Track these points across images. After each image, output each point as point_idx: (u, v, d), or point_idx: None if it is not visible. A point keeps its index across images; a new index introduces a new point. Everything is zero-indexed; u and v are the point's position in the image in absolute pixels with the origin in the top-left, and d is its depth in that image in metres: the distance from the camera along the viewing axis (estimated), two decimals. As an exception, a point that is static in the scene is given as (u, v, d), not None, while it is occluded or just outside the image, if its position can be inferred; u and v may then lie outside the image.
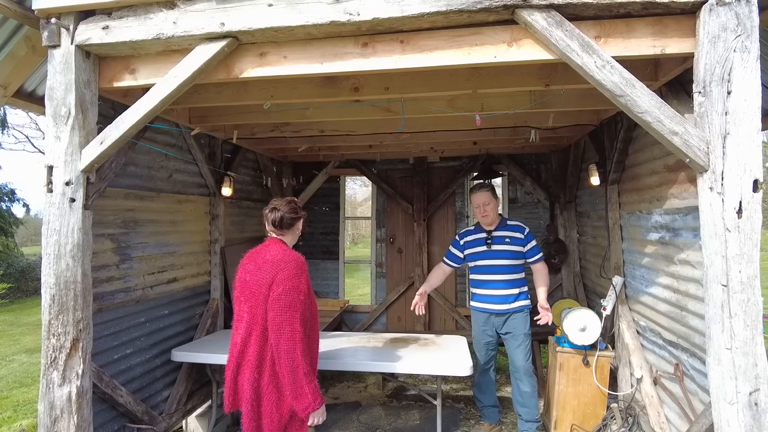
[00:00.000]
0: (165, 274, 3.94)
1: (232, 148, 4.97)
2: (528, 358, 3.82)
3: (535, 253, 3.84)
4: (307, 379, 2.33)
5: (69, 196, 2.43)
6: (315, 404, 2.36)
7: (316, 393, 2.36)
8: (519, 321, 3.82)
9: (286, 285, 2.37)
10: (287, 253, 2.52)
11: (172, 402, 3.86)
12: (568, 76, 2.82)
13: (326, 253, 6.74)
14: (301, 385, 2.33)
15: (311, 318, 2.52)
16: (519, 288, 3.83)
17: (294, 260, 2.47)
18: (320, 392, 2.40)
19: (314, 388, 2.36)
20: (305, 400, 2.34)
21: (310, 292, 2.54)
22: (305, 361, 2.33)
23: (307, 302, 2.45)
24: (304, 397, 2.33)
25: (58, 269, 2.41)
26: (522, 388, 3.82)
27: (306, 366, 2.33)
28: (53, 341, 2.40)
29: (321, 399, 2.40)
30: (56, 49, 2.44)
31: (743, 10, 1.99)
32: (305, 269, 2.49)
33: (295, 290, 2.38)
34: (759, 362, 1.95)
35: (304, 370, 2.32)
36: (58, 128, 2.44)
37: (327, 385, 5.44)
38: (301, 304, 2.38)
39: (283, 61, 2.39)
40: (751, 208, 1.97)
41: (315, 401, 2.36)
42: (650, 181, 3.46)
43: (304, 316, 2.40)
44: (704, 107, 2.04)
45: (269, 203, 2.71)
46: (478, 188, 3.92)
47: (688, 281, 2.91)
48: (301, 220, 2.75)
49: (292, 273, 2.41)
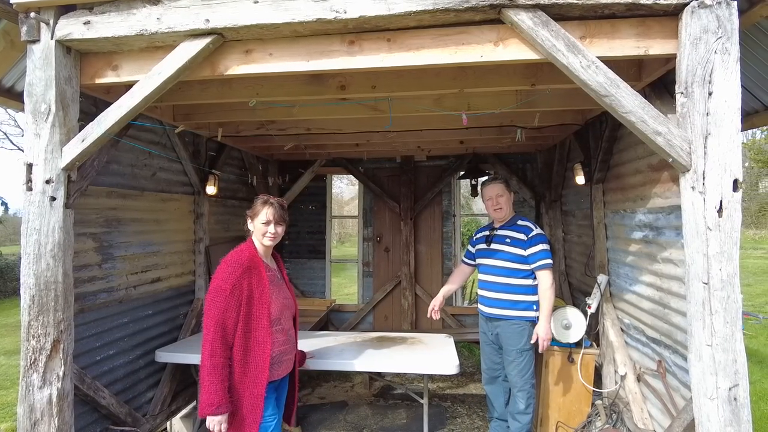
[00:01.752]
0: (149, 274, 3.88)
1: (216, 146, 4.92)
2: (523, 375, 3.39)
3: (537, 259, 3.38)
4: (208, 379, 2.33)
5: (49, 195, 2.38)
6: (210, 408, 2.31)
7: (214, 396, 2.31)
8: (514, 333, 3.40)
9: (211, 284, 2.46)
10: (232, 253, 2.57)
11: (156, 403, 3.82)
12: (553, 75, 2.83)
13: (313, 252, 6.72)
14: (204, 384, 2.35)
15: (249, 321, 2.46)
16: (517, 295, 3.41)
17: (230, 261, 2.50)
18: (223, 399, 2.33)
19: (212, 391, 2.31)
20: (203, 399, 2.34)
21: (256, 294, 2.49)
22: (211, 361, 2.33)
23: (233, 305, 2.40)
24: (202, 395, 2.34)
25: (38, 269, 2.36)
26: (515, 403, 3.44)
27: (210, 366, 2.33)
28: (33, 343, 2.35)
29: (219, 405, 2.32)
30: (36, 44, 2.38)
31: (724, 12, 2.03)
32: (238, 271, 2.44)
33: (215, 290, 2.42)
34: (738, 358, 1.99)
35: (207, 370, 2.33)
36: (38, 125, 2.38)
37: (313, 385, 5.42)
38: (220, 305, 2.38)
39: (268, 58, 2.37)
40: (731, 208, 2.01)
41: (211, 405, 2.31)
42: (634, 181, 3.50)
43: (224, 317, 2.38)
44: (686, 108, 2.07)
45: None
46: (490, 180, 3.65)
47: (671, 279, 2.95)
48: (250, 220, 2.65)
49: (221, 274, 2.45)
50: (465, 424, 4.38)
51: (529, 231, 3.46)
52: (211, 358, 2.33)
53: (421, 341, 4.06)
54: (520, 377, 3.40)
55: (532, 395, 3.44)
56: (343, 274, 13.85)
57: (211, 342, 2.34)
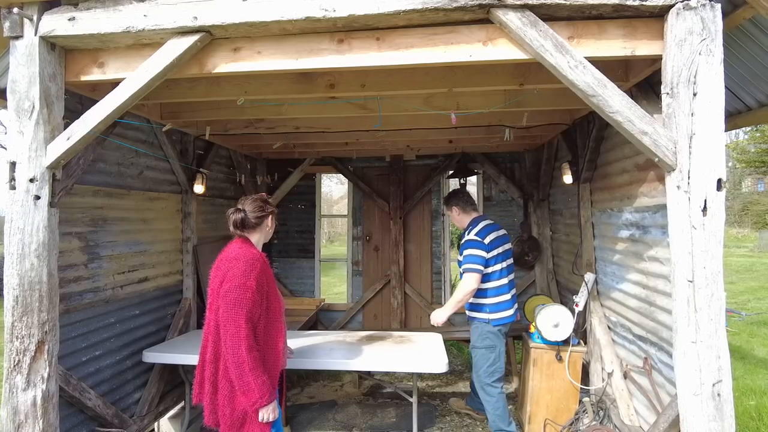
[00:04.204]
0: (136, 274, 3.84)
1: (204, 145, 4.88)
2: (477, 371, 3.73)
3: (461, 264, 3.68)
4: (253, 374, 2.34)
5: (33, 194, 2.34)
6: (262, 400, 2.36)
7: (263, 389, 2.36)
8: (472, 331, 3.80)
9: (233, 282, 2.39)
10: (243, 250, 2.53)
11: (143, 404, 3.78)
12: (542, 75, 2.85)
13: (302, 251, 6.69)
14: (247, 380, 2.35)
15: (269, 315, 2.54)
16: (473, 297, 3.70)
17: (246, 258, 2.47)
18: (270, 389, 2.40)
19: (261, 384, 2.36)
20: (252, 396, 2.36)
21: (270, 289, 2.55)
22: (251, 356, 2.34)
23: (258, 300, 2.44)
24: (250, 392, 2.36)
25: (22, 269, 2.33)
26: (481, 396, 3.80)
27: (252, 362, 2.34)
28: (17, 344, 2.32)
29: (270, 395, 2.40)
30: (19, 41, 2.35)
31: (708, 14, 2.06)
32: (257, 267, 2.48)
33: (242, 288, 2.39)
34: (722, 354, 2.02)
35: (250, 365, 2.34)
36: (21, 123, 2.35)
37: (303, 384, 5.41)
38: (249, 301, 2.38)
39: (257, 56, 2.36)
40: (715, 207, 2.04)
41: (262, 397, 2.36)
42: (621, 180, 3.54)
43: (252, 313, 2.40)
44: (672, 108, 2.10)
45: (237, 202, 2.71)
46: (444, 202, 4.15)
47: (657, 277, 2.99)
48: (269, 217, 2.72)
49: (241, 271, 2.42)
50: (454, 422, 4.40)
51: (462, 236, 3.85)
52: (249, 353, 2.34)
53: (411, 340, 4.07)
54: (475, 372, 3.80)
55: (490, 393, 3.69)
56: (332, 273, 13.82)
57: (246, 338, 2.34)
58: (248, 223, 2.63)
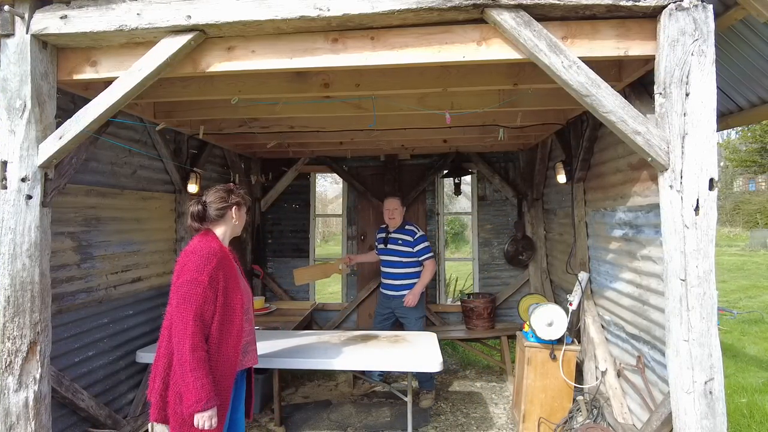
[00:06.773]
0: (129, 274, 3.82)
1: (198, 144, 4.86)
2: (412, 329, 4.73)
3: (423, 254, 4.75)
4: (193, 375, 2.22)
5: (25, 193, 2.33)
6: (198, 405, 2.22)
7: (201, 392, 2.22)
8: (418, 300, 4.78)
9: (185, 277, 2.31)
10: (201, 243, 2.42)
11: (137, 404, 3.76)
12: (536, 75, 2.86)
13: (296, 251, 6.67)
14: (187, 381, 2.23)
15: (225, 313, 2.41)
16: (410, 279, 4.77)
17: (202, 252, 2.37)
18: (209, 394, 2.25)
19: (200, 387, 2.22)
20: (189, 397, 2.23)
21: (230, 285, 2.44)
22: (194, 356, 2.23)
23: (210, 296, 2.33)
24: (188, 393, 2.23)
25: (14, 269, 2.31)
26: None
27: (194, 362, 2.22)
28: (8, 345, 2.30)
29: (207, 401, 2.24)
30: (10, 39, 2.32)
31: (700, 15, 2.08)
32: (213, 262, 2.36)
33: (193, 283, 2.29)
34: (713, 353, 2.04)
35: (191, 365, 2.22)
36: (13, 122, 2.33)
37: (297, 384, 5.40)
38: (199, 297, 2.29)
39: (251, 55, 2.35)
40: (707, 206, 2.06)
41: (198, 401, 2.21)
42: (614, 179, 3.56)
43: (203, 309, 2.30)
44: (665, 108, 2.12)
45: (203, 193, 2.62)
46: (390, 195, 4.95)
47: (650, 276, 3.01)
48: (233, 208, 2.58)
49: (194, 265, 2.33)
50: (449, 421, 4.41)
51: (414, 234, 4.78)
52: (193, 353, 2.23)
53: (405, 339, 4.07)
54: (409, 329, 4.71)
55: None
56: (327, 272, 13.80)
57: (191, 336, 2.24)
58: (208, 216, 2.52)
